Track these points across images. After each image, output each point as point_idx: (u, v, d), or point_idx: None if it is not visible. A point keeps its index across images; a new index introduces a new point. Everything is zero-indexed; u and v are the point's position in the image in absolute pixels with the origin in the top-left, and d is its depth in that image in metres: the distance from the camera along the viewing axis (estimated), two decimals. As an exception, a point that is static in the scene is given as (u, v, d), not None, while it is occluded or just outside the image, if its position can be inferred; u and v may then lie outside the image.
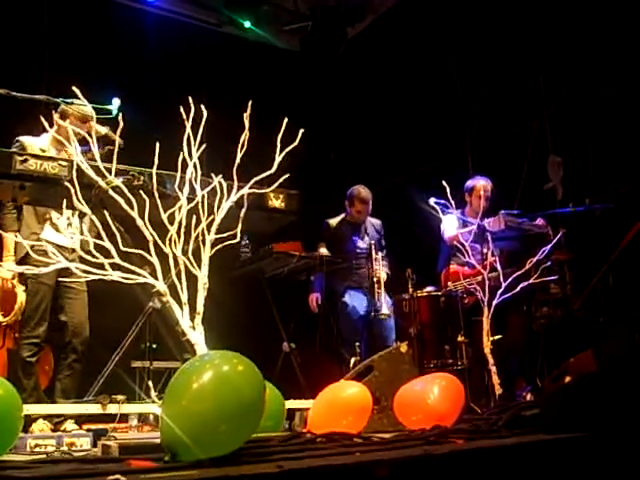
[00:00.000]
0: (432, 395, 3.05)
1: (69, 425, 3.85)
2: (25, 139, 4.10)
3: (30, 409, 3.32)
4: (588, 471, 2.16)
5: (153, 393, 3.29)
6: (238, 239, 2.76)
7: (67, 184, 2.65)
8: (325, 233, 6.04)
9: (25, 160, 3.01)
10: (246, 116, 2.77)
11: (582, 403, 2.50)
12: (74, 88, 2.83)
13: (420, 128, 7.43)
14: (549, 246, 4.58)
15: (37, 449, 2.72)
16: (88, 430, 3.53)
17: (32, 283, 4.20)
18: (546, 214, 5.47)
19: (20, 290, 4.27)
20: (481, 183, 5.74)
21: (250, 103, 2.78)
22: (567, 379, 3.10)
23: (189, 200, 2.64)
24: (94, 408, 3.41)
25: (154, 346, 4.68)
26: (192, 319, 2.51)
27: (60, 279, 4.19)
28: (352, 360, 4.78)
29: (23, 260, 3.90)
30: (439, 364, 4.77)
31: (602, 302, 4.99)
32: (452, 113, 7.28)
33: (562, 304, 5.28)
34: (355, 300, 5.85)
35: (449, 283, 5.29)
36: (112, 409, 3.39)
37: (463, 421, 3.09)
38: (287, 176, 2.88)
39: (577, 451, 2.21)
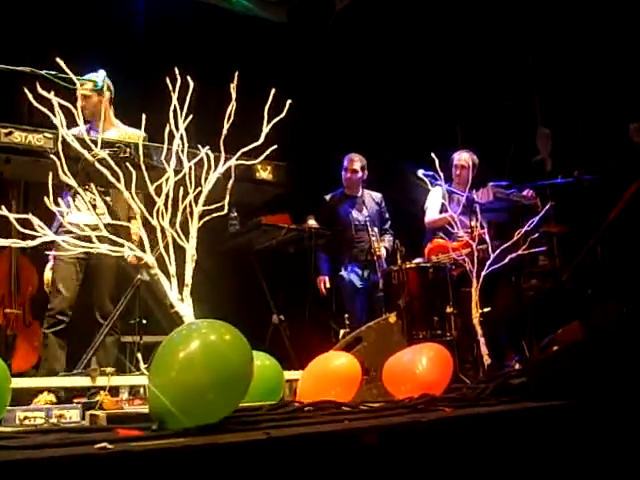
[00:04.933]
0: (421, 365, 3.06)
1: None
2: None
3: (19, 382, 3.32)
4: (573, 437, 2.19)
5: (142, 365, 3.30)
6: (226, 211, 2.75)
7: (53, 157, 2.63)
8: (323, 209, 6.06)
9: (10, 133, 2.99)
10: (233, 87, 2.75)
11: (568, 371, 2.52)
12: (58, 59, 2.80)
13: (409, 101, 7.40)
14: (537, 217, 4.60)
15: (26, 421, 2.72)
16: (77, 403, 3.53)
17: (55, 261, 4.49)
18: (535, 186, 5.49)
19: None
20: (458, 155, 5.84)
21: (237, 74, 2.76)
22: (554, 349, 3.12)
23: (176, 172, 2.63)
24: (83, 380, 3.42)
25: (144, 321, 4.68)
26: (180, 291, 2.51)
27: (82, 256, 4.30)
28: (341, 332, 4.80)
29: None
30: (428, 335, 4.78)
31: (590, 274, 5.01)
32: (441, 86, 7.26)
33: (551, 276, 5.31)
34: (352, 274, 5.87)
35: (439, 255, 5.30)
36: (101, 381, 3.39)
37: (451, 390, 3.10)
38: (275, 148, 2.87)
39: (562, 418, 2.23)
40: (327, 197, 6.18)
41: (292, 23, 8.11)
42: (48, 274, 4.56)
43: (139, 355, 3.41)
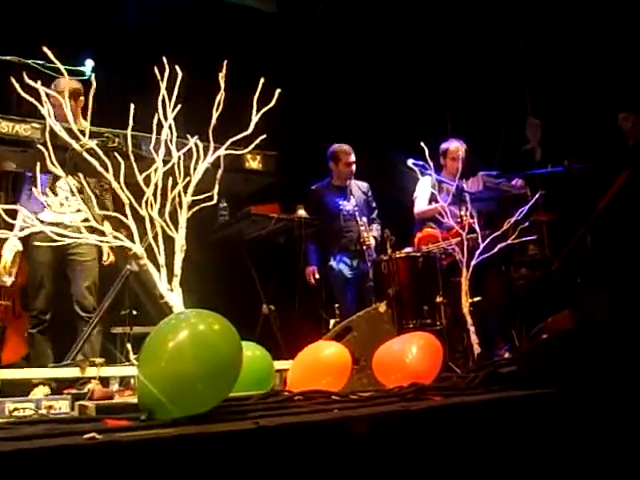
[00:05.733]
0: (410, 354, 3.06)
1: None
2: None
3: (9, 374, 3.32)
4: (561, 426, 2.20)
5: (132, 356, 3.29)
6: (215, 201, 2.74)
7: (40, 147, 2.61)
8: (310, 199, 6.04)
9: (-3, 122, 2.97)
10: (221, 76, 2.74)
11: (557, 360, 2.53)
12: (45, 49, 2.78)
13: (399, 91, 7.39)
14: (527, 207, 4.60)
15: (16, 413, 2.72)
16: (68, 394, 3.53)
17: (30, 262, 4.59)
18: (524, 175, 5.49)
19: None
20: (454, 145, 5.80)
21: (225, 63, 2.75)
22: (544, 338, 3.13)
23: (165, 162, 2.62)
24: (73, 371, 3.41)
25: (134, 312, 4.69)
26: (170, 282, 2.50)
27: (60, 254, 4.49)
28: (331, 321, 4.80)
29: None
30: (418, 324, 4.79)
31: (580, 263, 5.02)
32: (431, 75, 7.25)
33: (540, 265, 5.32)
34: (341, 264, 5.87)
35: (429, 245, 5.30)
36: (91, 372, 3.39)
37: (441, 379, 3.11)
38: (264, 137, 2.86)
39: (551, 407, 2.24)
40: (314, 187, 6.17)
41: (281, 12, 8.08)
42: (7, 257, 4.50)
43: (129, 346, 3.41)
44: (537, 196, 4.81)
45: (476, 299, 4.46)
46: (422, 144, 4.37)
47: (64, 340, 4.53)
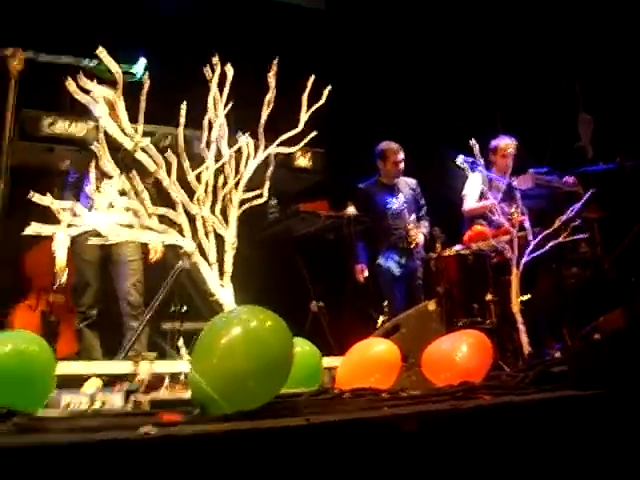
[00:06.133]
0: (460, 352, 3.05)
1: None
2: None
3: (64, 368, 3.38)
4: (613, 426, 2.17)
5: (184, 351, 3.32)
6: (265, 198, 2.76)
7: (95, 146, 2.65)
8: (359, 198, 6.02)
9: (53, 123, 3.03)
10: (271, 75, 2.76)
11: (609, 359, 2.49)
12: (100, 51, 2.81)
13: (448, 87, 7.35)
14: (578, 204, 4.54)
15: (71, 406, 2.77)
16: (120, 388, 3.58)
17: (76, 261, 4.56)
18: (576, 172, 5.42)
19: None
20: (505, 142, 5.74)
21: (275, 62, 2.77)
22: (596, 337, 3.08)
23: (216, 160, 2.64)
24: (126, 366, 3.46)
25: (185, 308, 4.74)
26: (221, 278, 2.52)
27: (106, 253, 4.58)
28: (380, 319, 4.79)
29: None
30: (467, 323, 4.77)
31: (633, 262, 4.95)
32: (481, 71, 7.19)
33: (591, 264, 5.24)
34: (390, 261, 5.85)
35: (478, 242, 5.26)
36: (143, 366, 3.43)
37: (491, 378, 3.09)
38: (314, 135, 2.87)
39: (603, 407, 2.21)
40: (362, 185, 6.14)
41: (330, 9, 8.08)
42: (61, 256, 4.60)
43: (180, 342, 3.44)
44: (589, 194, 4.74)
45: (526, 297, 4.41)
46: (473, 141, 4.34)
47: (112, 334, 4.64)
